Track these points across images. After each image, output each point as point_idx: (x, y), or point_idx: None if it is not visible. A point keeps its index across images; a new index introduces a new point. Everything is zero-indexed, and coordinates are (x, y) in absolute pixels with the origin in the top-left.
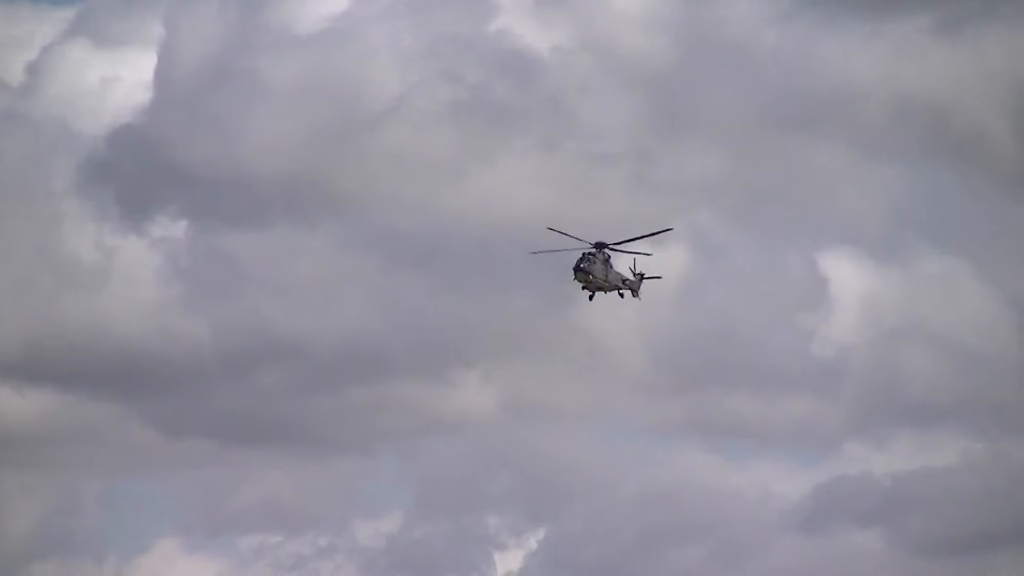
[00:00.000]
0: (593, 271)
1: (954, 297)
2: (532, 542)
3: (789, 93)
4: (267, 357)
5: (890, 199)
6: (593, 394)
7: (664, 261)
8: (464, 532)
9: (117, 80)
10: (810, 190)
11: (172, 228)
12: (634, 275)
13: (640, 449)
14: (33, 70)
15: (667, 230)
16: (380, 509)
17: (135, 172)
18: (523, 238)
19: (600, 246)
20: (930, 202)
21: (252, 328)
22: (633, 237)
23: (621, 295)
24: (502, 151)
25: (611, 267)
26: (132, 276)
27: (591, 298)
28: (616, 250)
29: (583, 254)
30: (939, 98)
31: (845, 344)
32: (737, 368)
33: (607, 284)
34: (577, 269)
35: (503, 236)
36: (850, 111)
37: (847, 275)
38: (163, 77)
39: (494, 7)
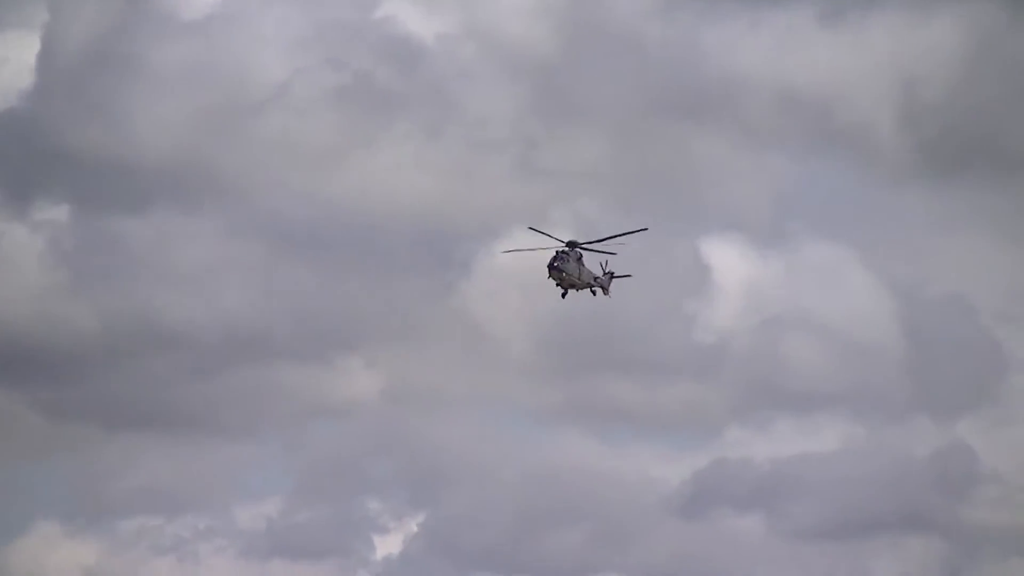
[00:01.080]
0: (567, 269)
1: (836, 284)
2: (412, 526)
3: (673, 82)
4: (151, 342)
5: (774, 187)
6: (476, 379)
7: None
8: (345, 516)
9: (1, 63)
10: (694, 178)
11: (55, 213)
12: (604, 273)
13: (522, 434)
14: None
15: (642, 230)
16: (262, 492)
17: (18, 156)
18: (407, 224)
19: (572, 245)
20: (813, 190)
21: (136, 313)
22: (605, 237)
23: (593, 292)
24: (386, 137)
25: (583, 265)
26: (14, 261)
27: (564, 295)
28: (587, 249)
29: (556, 252)
30: (823, 88)
31: (728, 330)
32: (620, 354)
33: (579, 282)
34: (551, 267)
35: (388, 222)
36: (734, 100)
37: (730, 262)
38: (47, 61)
39: None
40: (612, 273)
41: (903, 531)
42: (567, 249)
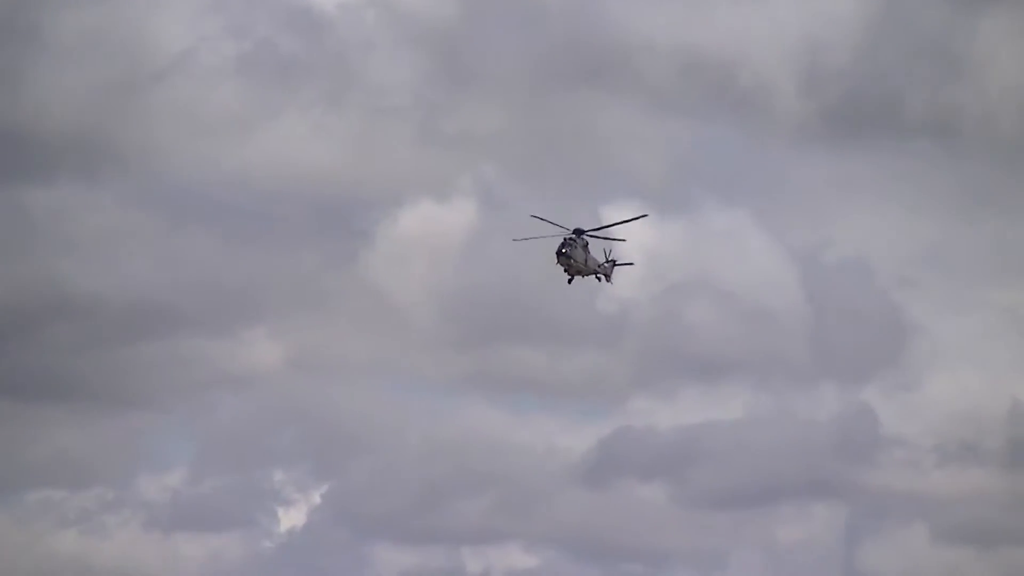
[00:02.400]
0: (574, 256)
1: (739, 251)
2: (316, 496)
3: (574, 47)
4: (54, 312)
5: (675, 153)
6: (380, 349)
7: (451, 215)
8: (249, 487)
9: None
10: (595, 144)
11: None
12: (607, 261)
13: (426, 403)
14: None
15: (642, 216)
16: (166, 464)
17: None
18: (310, 192)
19: (579, 232)
20: (715, 156)
21: (38, 283)
22: (608, 224)
23: (598, 279)
24: (289, 106)
25: (589, 252)
26: None
27: (570, 281)
28: (593, 236)
29: (564, 239)
30: (724, 53)
31: (630, 298)
32: (523, 322)
33: (585, 268)
34: (560, 254)
35: (291, 191)
36: (635, 65)
37: (632, 229)
38: None
39: None
40: (615, 260)
41: (807, 497)
42: (574, 236)
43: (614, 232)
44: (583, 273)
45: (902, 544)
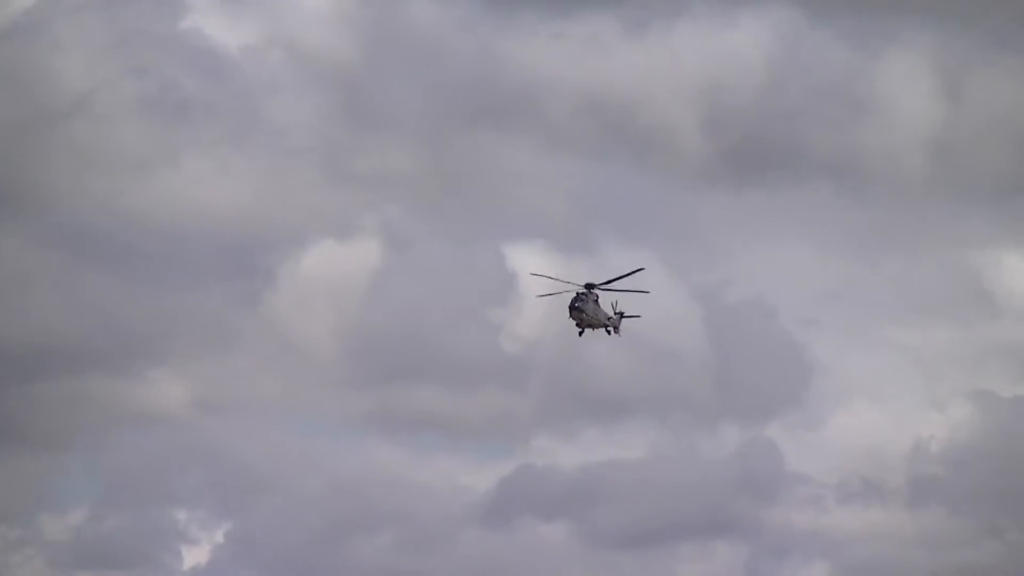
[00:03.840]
0: (586, 310)
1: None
2: (219, 535)
3: (476, 88)
4: None
5: (578, 193)
6: (283, 388)
7: (354, 254)
8: (152, 526)
9: None
10: (498, 184)
11: None
12: (615, 313)
13: (329, 443)
14: None
15: (639, 270)
16: (69, 503)
17: None
18: (214, 233)
19: (590, 287)
20: (617, 196)
21: None
22: (613, 279)
23: (607, 331)
24: (192, 147)
25: (599, 306)
26: None
27: (580, 334)
28: (603, 289)
29: (577, 294)
30: (627, 94)
31: (534, 338)
32: (426, 362)
33: (596, 321)
34: (572, 308)
35: (193, 231)
36: (537, 107)
37: (536, 268)
38: None
39: (184, 5)
40: (622, 313)
41: (710, 535)
42: (586, 292)
43: (626, 285)
44: (593, 326)
45: None
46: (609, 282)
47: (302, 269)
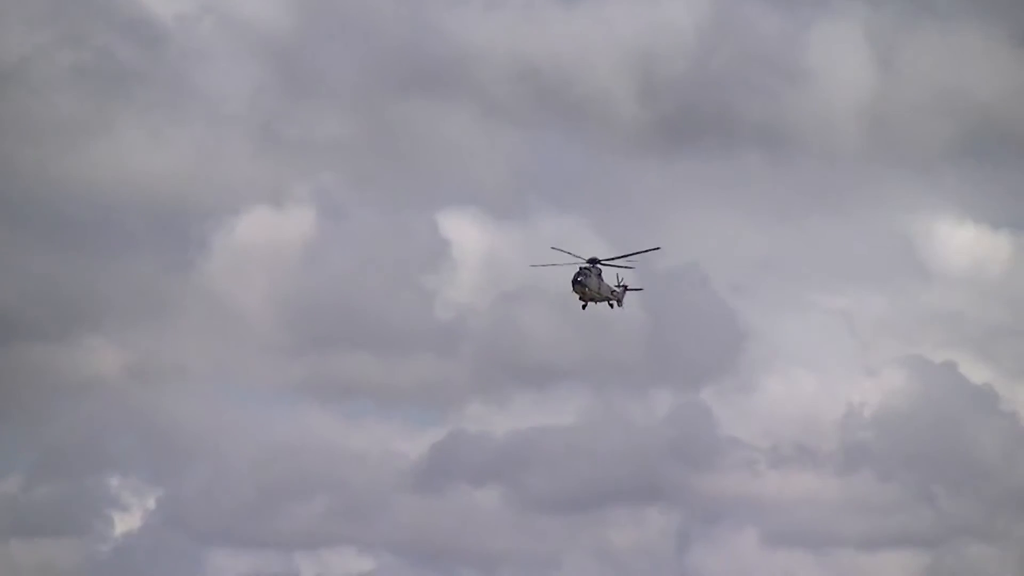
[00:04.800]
0: (589, 284)
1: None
2: (151, 501)
3: (411, 56)
4: None
5: (511, 160)
6: (216, 356)
7: (288, 222)
8: (85, 493)
9: None
10: (432, 152)
11: None
12: (618, 286)
13: (262, 409)
14: None
15: (655, 249)
16: (1, 471)
17: None
18: (148, 201)
19: (593, 261)
20: (550, 164)
21: None
22: (621, 255)
23: (611, 305)
24: (126, 115)
25: (602, 280)
26: None
27: (584, 307)
28: (607, 264)
29: (580, 268)
30: (560, 62)
31: (466, 305)
32: (360, 329)
33: (599, 295)
34: (575, 282)
35: (127, 199)
36: (471, 75)
37: (469, 236)
38: None
39: None
40: (626, 286)
41: (642, 501)
42: (589, 265)
43: (624, 261)
44: (596, 300)
45: (735, 547)
46: (615, 258)
47: (236, 236)
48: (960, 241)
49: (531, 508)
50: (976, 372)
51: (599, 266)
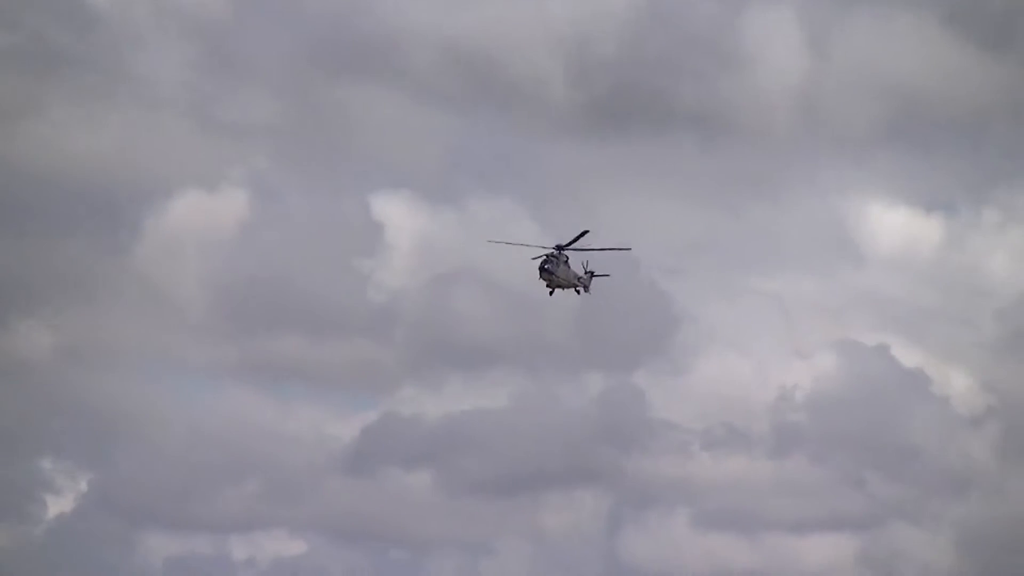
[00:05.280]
0: (556, 272)
1: (505, 239)
2: (84, 484)
3: (343, 41)
4: None
5: (443, 144)
6: (149, 338)
7: (221, 205)
8: (17, 476)
9: None
10: (365, 135)
11: None
12: (585, 272)
13: (194, 392)
14: None
15: (626, 249)
16: None
17: None
18: (80, 184)
19: (560, 248)
20: (483, 147)
21: None
22: (589, 248)
23: (577, 291)
24: (59, 97)
25: (569, 267)
26: None
27: (551, 293)
28: (572, 250)
29: (546, 256)
30: (492, 45)
31: (400, 287)
32: (293, 312)
33: (566, 282)
34: (542, 270)
35: (60, 182)
36: (404, 58)
37: (402, 219)
38: None
39: None
40: (592, 272)
41: (574, 484)
42: (556, 253)
43: (590, 247)
44: (563, 287)
45: (667, 529)
46: (576, 240)
47: (169, 219)
48: (892, 224)
49: (463, 491)
50: (908, 355)
51: (565, 253)
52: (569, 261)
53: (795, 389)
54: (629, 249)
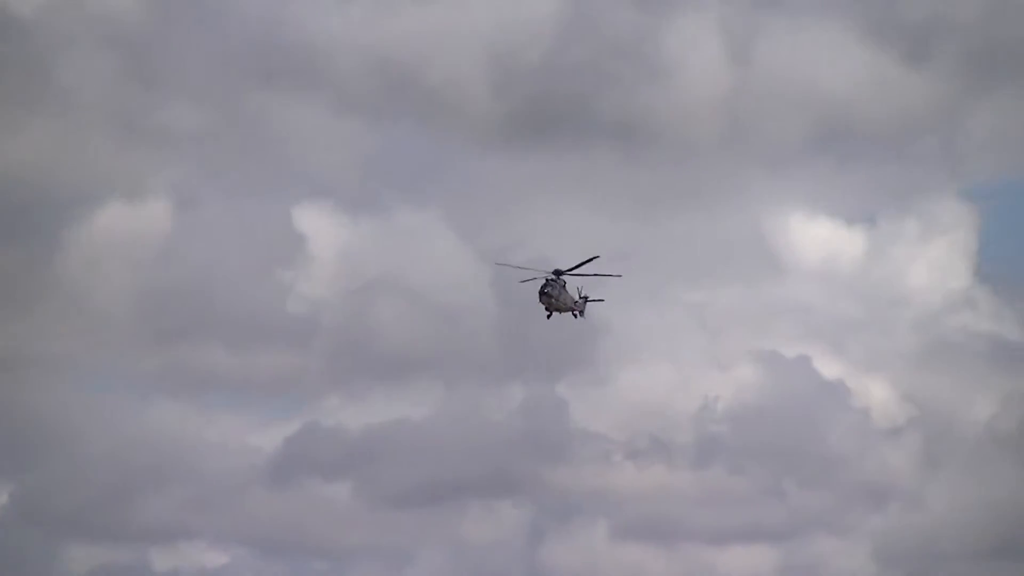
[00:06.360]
0: (554, 295)
1: (428, 251)
2: (3, 495)
3: (265, 50)
4: None
5: (365, 154)
6: (70, 347)
7: (142, 215)
8: None
9: None
10: (287, 145)
11: None
12: (580, 298)
13: (115, 402)
14: None
15: (617, 276)
16: None
17: None
18: (2, 192)
19: (558, 273)
20: (404, 157)
21: None
22: (580, 264)
23: (574, 315)
24: None
25: (566, 291)
26: None
27: (548, 317)
28: (571, 274)
29: (546, 280)
30: (413, 55)
31: (322, 298)
32: (214, 322)
33: (563, 306)
34: (542, 293)
35: None
36: (325, 68)
37: (323, 229)
38: None
39: None
40: (587, 297)
41: (495, 495)
42: (555, 277)
43: (594, 270)
44: (560, 310)
45: (588, 540)
46: (572, 269)
47: (91, 229)
48: (814, 236)
49: (384, 502)
50: (828, 366)
51: (563, 278)
52: (566, 286)
53: (717, 400)
54: (620, 276)
